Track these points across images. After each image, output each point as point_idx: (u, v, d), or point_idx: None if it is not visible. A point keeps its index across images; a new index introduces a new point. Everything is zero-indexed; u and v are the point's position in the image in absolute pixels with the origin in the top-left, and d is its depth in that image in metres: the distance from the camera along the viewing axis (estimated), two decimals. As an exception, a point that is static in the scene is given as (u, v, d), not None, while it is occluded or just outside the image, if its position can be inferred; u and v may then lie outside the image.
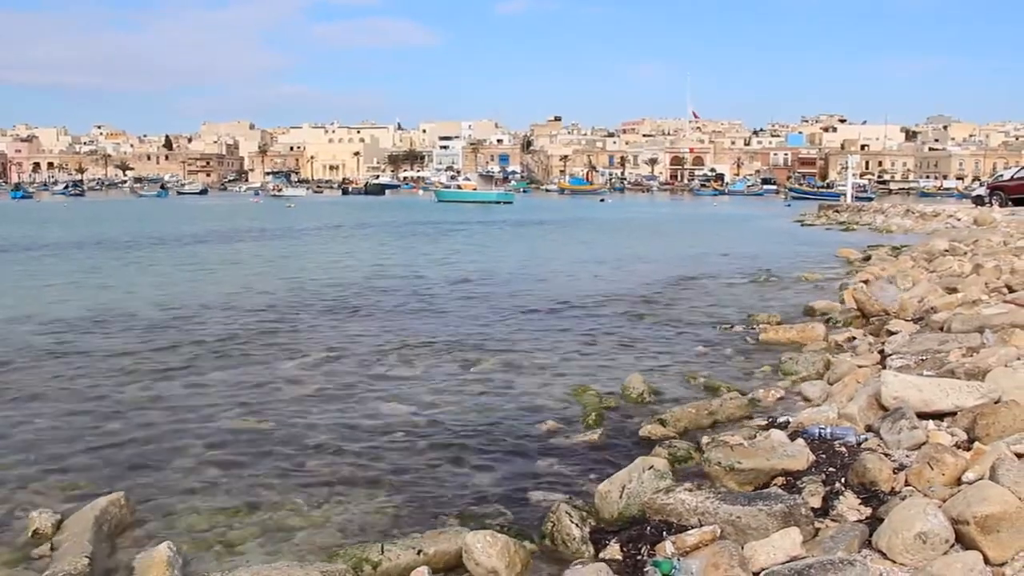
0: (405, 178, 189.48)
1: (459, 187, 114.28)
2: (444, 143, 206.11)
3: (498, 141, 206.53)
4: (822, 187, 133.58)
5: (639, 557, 6.39)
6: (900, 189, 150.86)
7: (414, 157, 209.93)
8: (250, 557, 6.99)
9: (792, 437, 8.40)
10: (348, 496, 8.27)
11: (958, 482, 6.49)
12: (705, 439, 9.22)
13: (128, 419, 11.00)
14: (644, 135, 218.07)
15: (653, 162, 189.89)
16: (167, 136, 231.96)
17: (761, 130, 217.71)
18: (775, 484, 7.31)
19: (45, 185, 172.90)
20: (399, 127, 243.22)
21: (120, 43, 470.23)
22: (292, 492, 8.38)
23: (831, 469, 7.38)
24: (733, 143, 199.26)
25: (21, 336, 16.65)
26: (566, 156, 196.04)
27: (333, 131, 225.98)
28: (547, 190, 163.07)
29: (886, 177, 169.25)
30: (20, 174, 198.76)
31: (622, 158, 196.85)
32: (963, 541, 5.57)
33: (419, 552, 6.59)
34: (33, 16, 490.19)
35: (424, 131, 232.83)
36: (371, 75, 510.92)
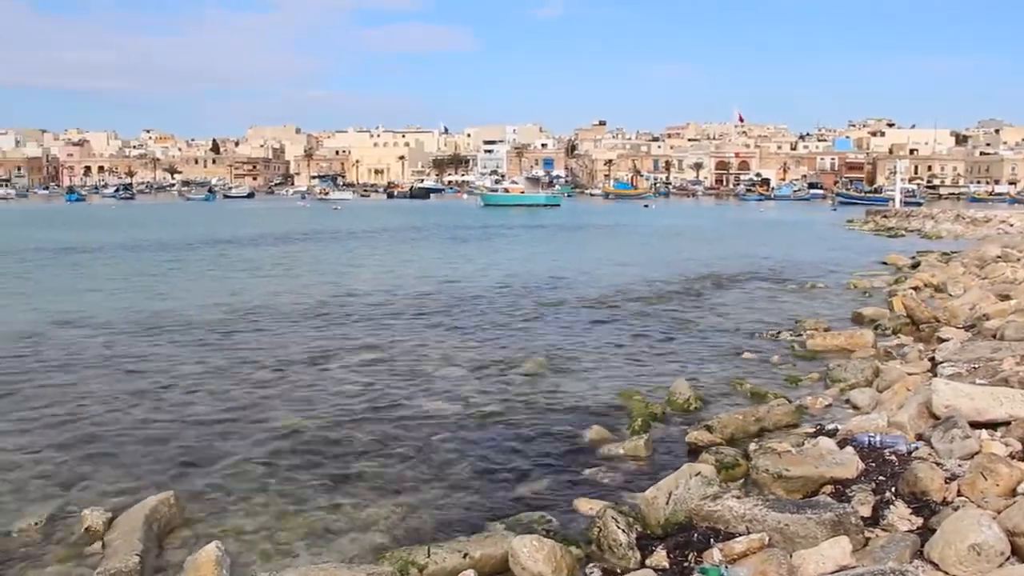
0: (450, 182, 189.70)
1: (506, 190, 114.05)
2: (488, 147, 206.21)
3: (542, 145, 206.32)
4: (869, 192, 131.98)
5: (686, 564, 6.35)
6: (950, 194, 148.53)
7: (459, 161, 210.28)
8: (297, 558, 7.06)
9: (841, 445, 8.31)
10: (393, 498, 8.31)
11: (1013, 493, 6.38)
12: (752, 446, 9.16)
13: (177, 419, 11.15)
14: (689, 139, 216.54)
15: (698, 167, 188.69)
16: (214, 140, 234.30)
17: (808, 134, 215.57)
18: (824, 492, 7.23)
19: (96, 188, 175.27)
20: (444, 131, 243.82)
21: (168, 48, 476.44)
22: (338, 494, 8.44)
23: (881, 478, 7.28)
24: (779, 148, 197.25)
25: (76, 338, 16.94)
26: (610, 160, 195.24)
27: (378, 135, 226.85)
28: (591, 194, 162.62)
29: (935, 182, 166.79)
30: (72, 177, 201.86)
31: (667, 162, 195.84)
32: (1019, 554, 5.47)
33: (465, 556, 6.60)
34: (83, 22, 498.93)
35: (468, 135, 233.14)
36: (415, 80, 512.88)
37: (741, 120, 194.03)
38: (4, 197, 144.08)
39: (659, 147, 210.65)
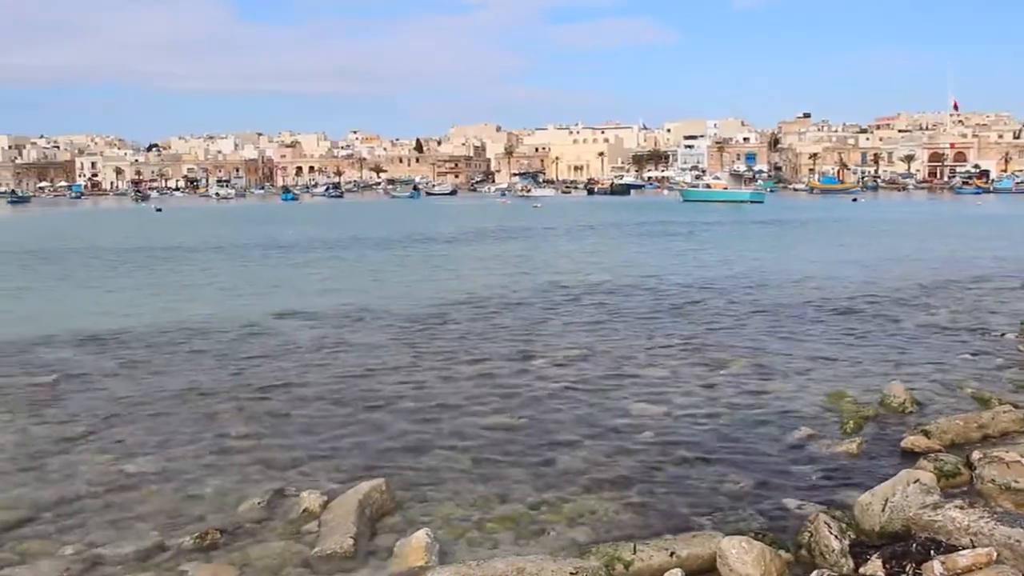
0: (649, 178, 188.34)
1: (708, 186, 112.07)
2: (688, 142, 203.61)
3: (744, 139, 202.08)
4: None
5: (903, 575, 6.06)
6: None
7: (658, 157, 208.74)
8: (503, 549, 7.17)
9: (1079, 457, 7.73)
10: (598, 494, 8.33)
11: None
12: (976, 454, 8.62)
13: (389, 409, 11.57)
14: (900, 130, 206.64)
15: (909, 159, 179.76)
16: (418, 139, 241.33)
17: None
18: (1058, 507, 6.75)
19: (307, 187, 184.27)
20: (643, 127, 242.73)
21: (372, 52, 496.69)
22: (543, 488, 8.53)
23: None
24: (1000, 137, 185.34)
25: (290, 330, 17.86)
26: (815, 154, 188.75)
27: (577, 132, 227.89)
28: (795, 189, 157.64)
29: None
30: (284, 177, 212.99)
31: (875, 155, 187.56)
32: None
33: (672, 554, 6.54)
34: (292, 30, 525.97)
35: (668, 130, 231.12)
36: (612, 75, 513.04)
37: (956, 108, 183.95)
38: (226, 197, 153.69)
39: (867, 139, 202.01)
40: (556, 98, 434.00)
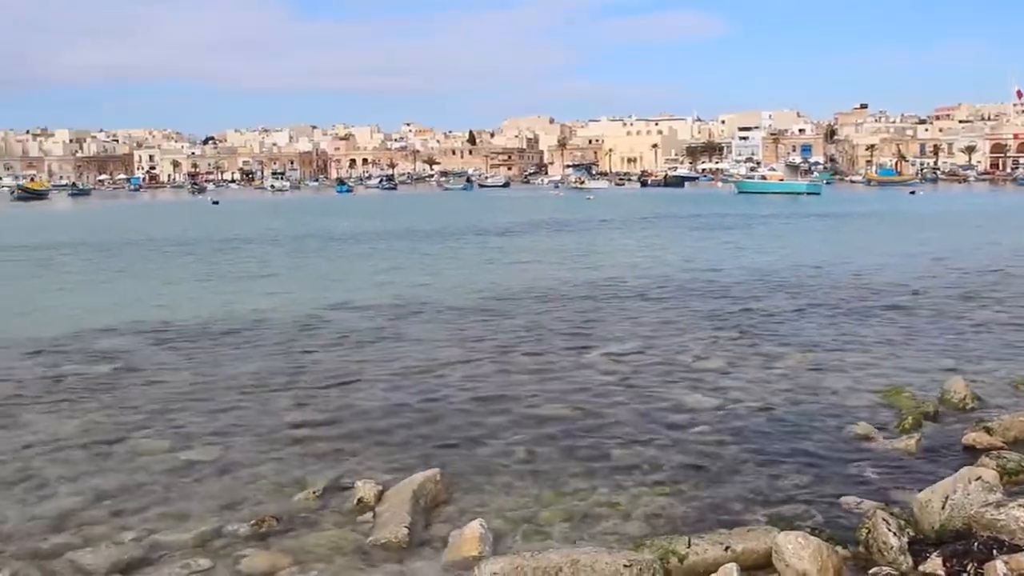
0: (704, 170, 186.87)
1: (763, 178, 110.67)
2: (743, 134, 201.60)
3: (800, 131, 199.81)
4: None
5: (964, 574, 5.96)
6: None
7: (712, 148, 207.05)
8: (556, 540, 7.16)
9: None
10: (653, 487, 8.30)
11: None
12: (1040, 451, 8.45)
13: (442, 400, 11.64)
14: (960, 121, 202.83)
15: (970, 150, 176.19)
16: (470, 131, 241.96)
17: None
18: None
19: (360, 179, 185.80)
20: (697, 119, 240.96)
21: (424, 47, 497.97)
22: (598, 480, 8.52)
23: None
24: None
25: (346, 321, 18.03)
26: (873, 145, 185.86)
27: (631, 124, 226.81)
28: (852, 181, 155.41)
29: None
30: (338, 169, 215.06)
31: (935, 146, 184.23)
32: None
33: (727, 548, 6.48)
34: (347, 27, 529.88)
35: (723, 122, 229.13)
36: (665, 68, 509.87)
37: (1020, 96, 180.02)
38: (281, 189, 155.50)
39: (926, 130, 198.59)
40: (609, 91, 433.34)
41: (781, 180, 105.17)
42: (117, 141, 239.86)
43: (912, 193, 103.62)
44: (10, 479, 8.82)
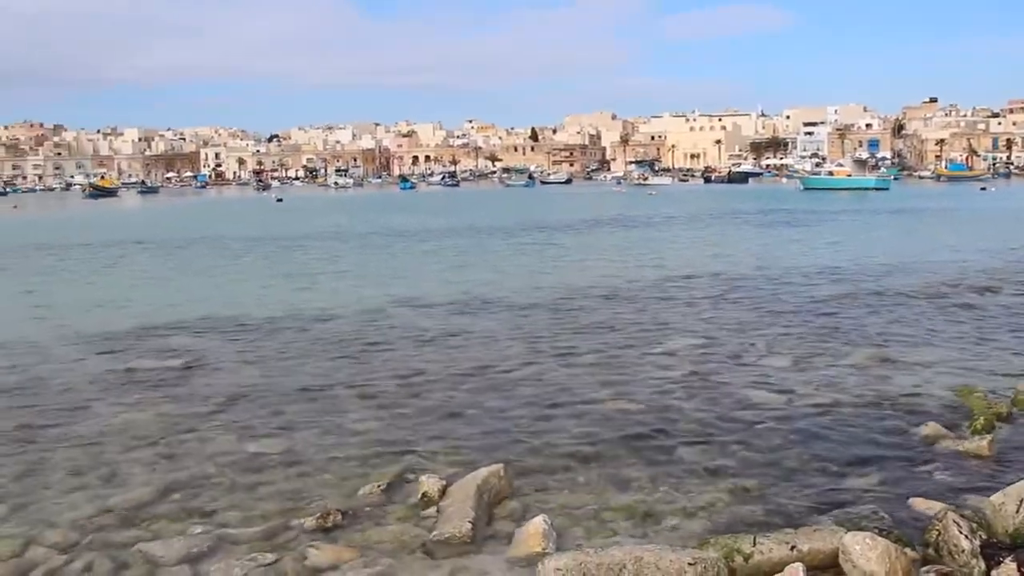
0: (768, 166, 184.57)
1: (830, 173, 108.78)
2: (808, 129, 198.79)
3: (866, 126, 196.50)
4: None
5: (1039, 578, 5.79)
6: None
7: (777, 144, 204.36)
8: (620, 537, 7.13)
9: None
10: (717, 485, 8.23)
11: None
12: (1118, 453, 8.20)
13: (506, 396, 11.66)
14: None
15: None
16: (532, 128, 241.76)
17: None
18: None
19: (423, 176, 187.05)
20: (761, 114, 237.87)
21: (486, 45, 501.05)
22: (661, 477, 8.47)
23: None
24: None
25: (410, 317, 18.15)
26: (942, 140, 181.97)
27: (694, 119, 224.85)
28: (920, 176, 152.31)
29: None
30: (400, 166, 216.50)
31: (1008, 140, 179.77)
32: None
33: (793, 548, 6.39)
34: (410, 25, 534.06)
35: (788, 117, 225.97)
36: (728, 63, 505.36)
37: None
38: (344, 186, 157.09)
39: (999, 124, 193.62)
40: (672, 87, 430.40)
41: (848, 176, 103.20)
42: (184, 139, 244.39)
43: (983, 189, 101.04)
44: (83, 470, 9.02)
